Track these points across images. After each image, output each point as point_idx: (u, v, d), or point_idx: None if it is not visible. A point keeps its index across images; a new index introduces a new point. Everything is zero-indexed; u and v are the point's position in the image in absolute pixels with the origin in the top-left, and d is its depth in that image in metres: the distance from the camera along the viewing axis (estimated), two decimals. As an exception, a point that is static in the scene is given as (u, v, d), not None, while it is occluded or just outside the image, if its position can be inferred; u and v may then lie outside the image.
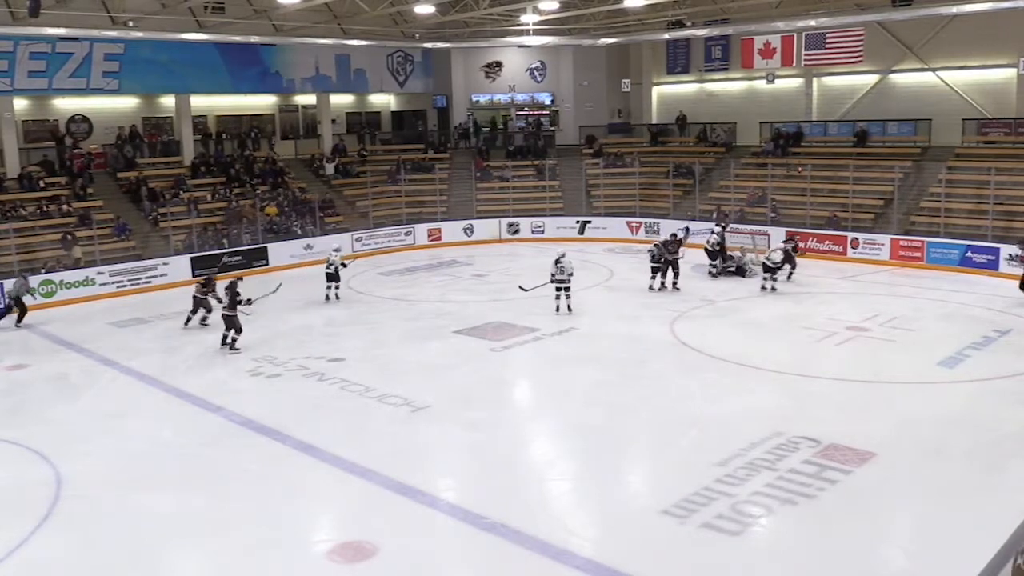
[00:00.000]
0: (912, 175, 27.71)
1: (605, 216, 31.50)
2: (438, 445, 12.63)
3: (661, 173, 32.51)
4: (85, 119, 30.05)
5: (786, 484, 10.63)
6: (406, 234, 30.84)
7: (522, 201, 32.89)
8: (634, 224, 30.71)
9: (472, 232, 31.43)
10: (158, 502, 10.84)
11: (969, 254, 23.78)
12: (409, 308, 20.86)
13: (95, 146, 29.71)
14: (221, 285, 18.75)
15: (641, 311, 20.03)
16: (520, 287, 20.68)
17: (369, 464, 11.65)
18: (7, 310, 20.74)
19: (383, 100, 38.33)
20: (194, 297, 19.80)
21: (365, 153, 34.86)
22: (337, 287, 22.41)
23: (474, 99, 37.99)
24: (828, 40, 28.79)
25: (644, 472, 11.91)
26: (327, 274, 22.28)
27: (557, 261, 19.84)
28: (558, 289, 19.85)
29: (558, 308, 19.82)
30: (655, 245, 22.50)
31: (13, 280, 21.11)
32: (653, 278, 21.96)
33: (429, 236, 31.17)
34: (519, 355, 17.09)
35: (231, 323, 17.88)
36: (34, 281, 22.35)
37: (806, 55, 29.74)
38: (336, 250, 22.74)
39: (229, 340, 17.89)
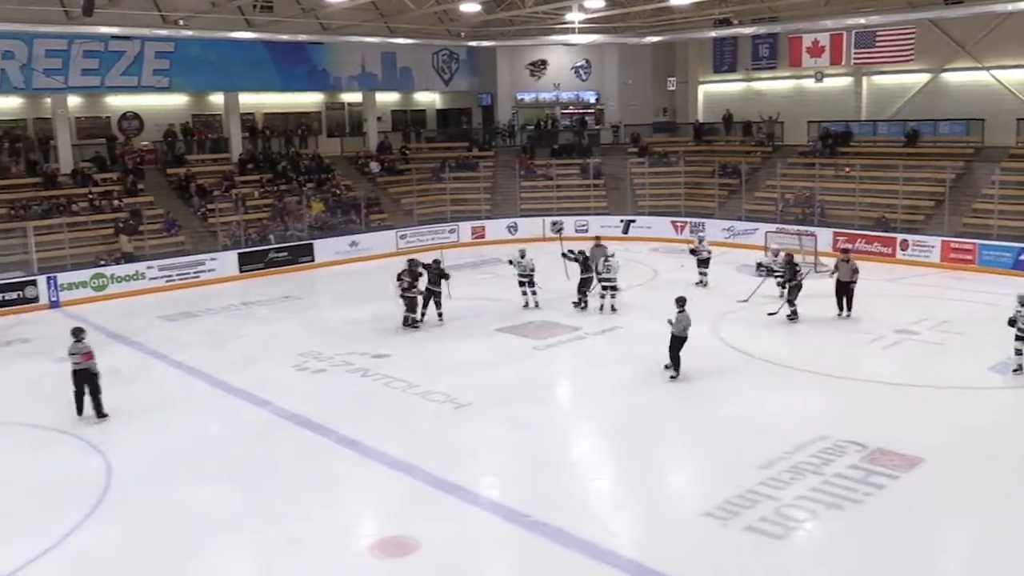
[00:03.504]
0: (964, 176, 27.17)
1: (649, 215, 31.31)
2: (480, 442, 12.66)
3: (706, 172, 32.23)
4: (136, 116, 30.57)
5: (832, 488, 10.50)
6: (450, 231, 30.94)
7: (566, 200, 32.81)
8: (679, 223, 30.47)
9: (516, 230, 31.43)
10: (204, 495, 11.01)
11: (1023, 257, 23.27)
12: (452, 304, 20.90)
13: (146, 143, 30.22)
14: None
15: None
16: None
17: (412, 460, 11.73)
18: None
19: (428, 98, 38.47)
20: (409, 297, 19.01)
21: (407, 151, 35.01)
22: (534, 291, 20.45)
23: (519, 97, 37.97)
24: (878, 38, 28.35)
25: (686, 473, 11.82)
26: (520, 280, 20.51)
27: (606, 259, 19.92)
28: (604, 288, 19.83)
29: (601, 307, 19.76)
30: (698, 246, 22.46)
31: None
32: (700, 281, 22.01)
33: (473, 234, 31.24)
34: (561, 354, 17.06)
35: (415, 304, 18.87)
36: (86, 275, 22.88)
37: (856, 53, 29.32)
38: (522, 254, 20.59)
39: (411, 320, 18.80)
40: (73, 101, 28.66)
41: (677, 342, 14.93)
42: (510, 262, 20.44)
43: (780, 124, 33.37)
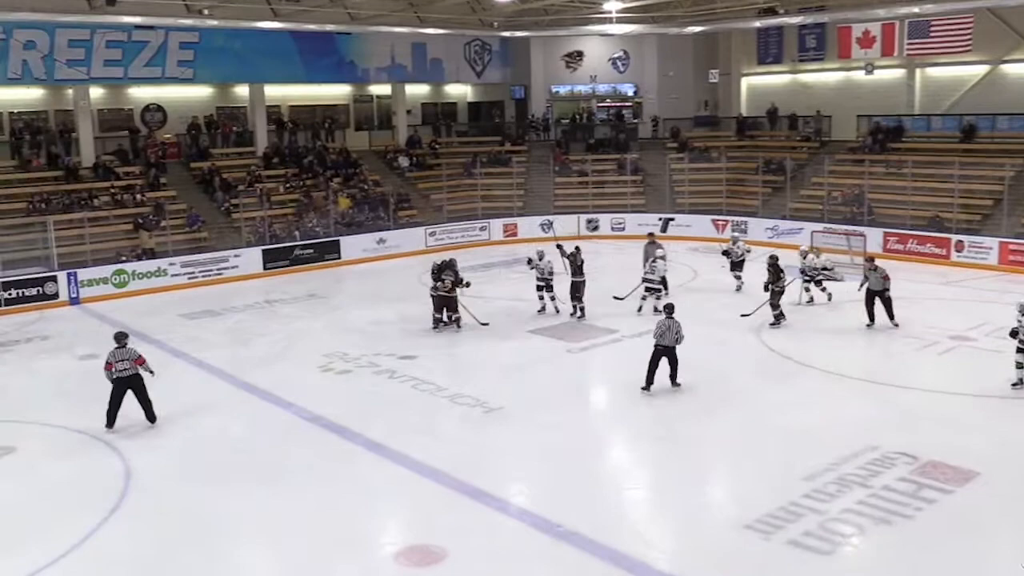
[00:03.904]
0: (1024, 174, 26.81)
1: (689, 213, 31.15)
2: (510, 448, 12.67)
3: (749, 169, 32.04)
4: (160, 108, 30.98)
5: (880, 502, 10.37)
6: (481, 229, 31.00)
7: (602, 196, 32.74)
8: (720, 222, 30.28)
9: (549, 228, 31.36)
10: (226, 498, 11.11)
11: (1086, 259, 22.90)
12: (483, 305, 20.91)
13: (169, 136, 30.61)
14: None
15: (725, 314, 19.75)
16: (615, 297, 20.50)
17: (439, 465, 11.75)
18: None
19: (459, 91, 38.59)
20: (441, 297, 18.90)
21: (437, 146, 35.10)
22: (552, 296, 19.97)
23: (553, 90, 37.96)
24: (933, 28, 27.96)
25: (726, 484, 11.74)
26: (539, 283, 20.07)
27: (653, 260, 19.99)
28: (647, 290, 19.81)
29: (640, 309, 19.70)
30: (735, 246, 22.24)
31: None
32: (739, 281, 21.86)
33: (505, 231, 31.28)
34: (597, 357, 17.03)
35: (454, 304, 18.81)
36: (107, 271, 23.19)
37: (909, 44, 28.95)
38: (540, 256, 19.94)
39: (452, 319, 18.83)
40: (95, 93, 29.09)
41: (665, 353, 14.41)
42: (528, 261, 20.31)
43: (828, 119, 33.07)
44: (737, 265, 22.10)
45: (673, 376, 14.61)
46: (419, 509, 10.85)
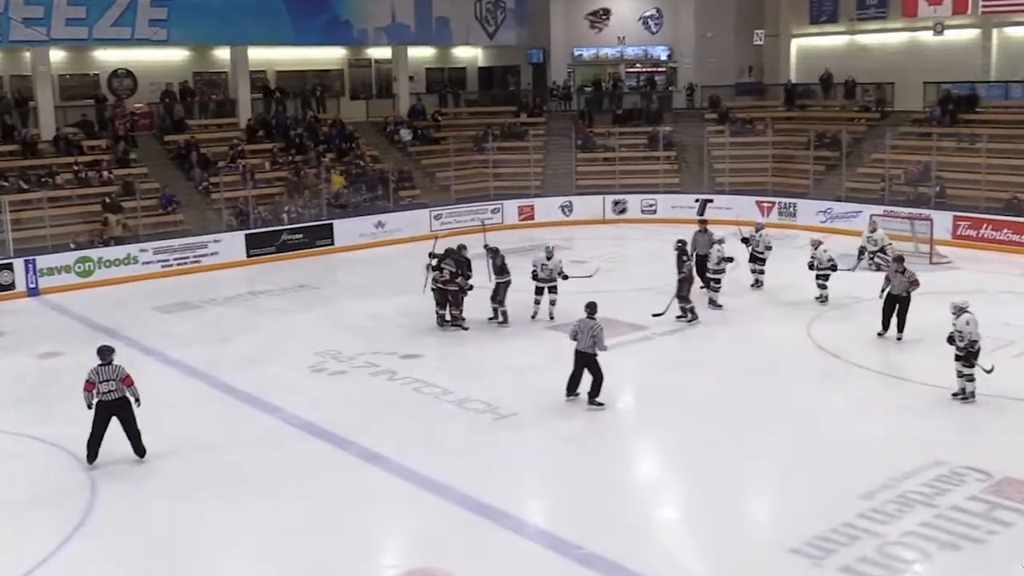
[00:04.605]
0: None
1: (730, 194, 31.07)
2: (526, 460, 12.70)
3: (799, 143, 31.95)
4: (129, 74, 31.07)
5: (947, 524, 10.35)
6: (493, 211, 30.99)
7: (631, 175, 32.70)
8: (765, 204, 30.22)
9: (571, 211, 31.42)
10: (203, 515, 11.16)
11: None
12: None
13: (139, 105, 30.68)
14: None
15: (771, 308, 19.72)
16: (654, 314, 19.23)
17: (445, 479, 11.79)
18: None
19: (469, 54, 38.57)
20: (440, 291, 18.81)
21: (439, 118, 35.09)
22: (553, 301, 19.24)
23: (576, 53, 37.91)
24: (1013, -19, 27.79)
25: (770, 501, 11.75)
26: (539, 286, 19.32)
27: (719, 260, 19.91)
28: (709, 285, 19.84)
29: (716, 303, 19.75)
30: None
31: None
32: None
33: (520, 214, 31.30)
34: (624, 357, 16.97)
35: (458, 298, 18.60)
36: (70, 258, 23.25)
37: (984, 1, 28.73)
38: (548, 255, 19.34)
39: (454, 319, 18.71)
40: (56, 56, 29.18)
41: (583, 361, 14.14)
42: (533, 272, 19.32)
43: (890, 86, 32.88)
44: (757, 259, 21.47)
45: (592, 393, 14.15)
46: (423, 529, 10.89)
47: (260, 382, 15.87)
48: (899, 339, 17.18)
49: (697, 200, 31.00)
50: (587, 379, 14.26)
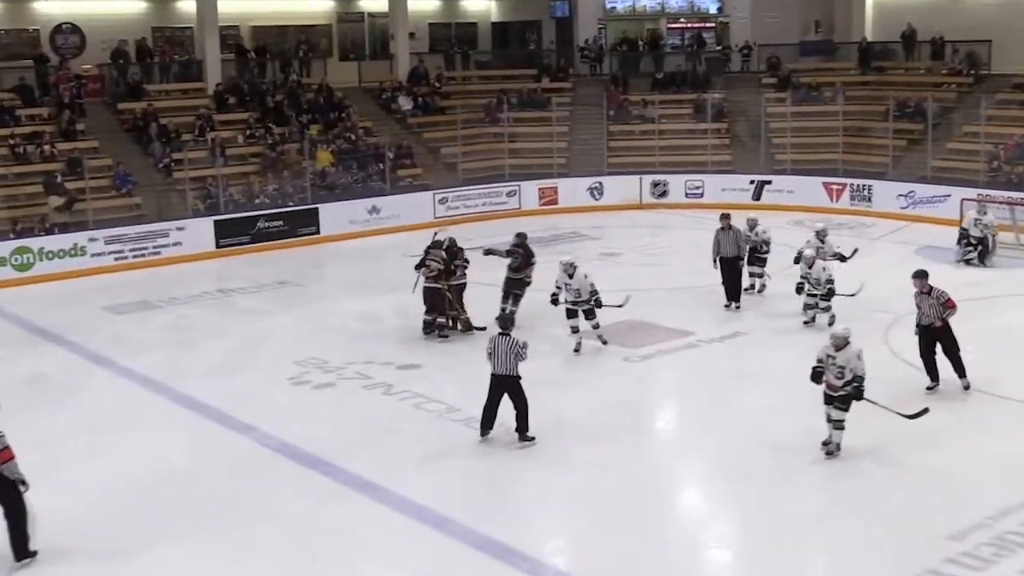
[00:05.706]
0: None
1: (792, 175, 31.06)
2: (544, 490, 12.73)
3: (876, 113, 31.92)
4: (75, 29, 31.17)
5: (1052, 570, 10.35)
6: (509, 194, 31.05)
7: (673, 151, 32.72)
8: (835, 186, 30.15)
9: (601, 194, 31.40)
10: (164, 553, 11.16)
11: None
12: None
13: (88, 66, 30.78)
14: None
15: (840, 311, 19.66)
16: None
17: (450, 512, 11.83)
18: None
19: (481, 7, 38.66)
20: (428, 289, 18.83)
21: (438, 84, 35.08)
22: (596, 324, 18.07)
23: (608, 7, 37.95)
24: None
25: (839, 542, 11.67)
26: (570, 309, 18.17)
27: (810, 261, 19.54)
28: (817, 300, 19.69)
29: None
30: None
31: None
32: None
33: (541, 198, 31.34)
34: (663, 368, 17.06)
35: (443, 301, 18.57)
36: (5, 248, 23.38)
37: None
38: (569, 273, 18.00)
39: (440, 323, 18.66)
40: (-10, 9, 29.38)
41: (503, 387, 13.81)
42: (555, 293, 18.32)
43: (987, 44, 32.77)
44: (757, 259, 20.89)
45: (520, 427, 13.82)
46: (423, 569, 10.91)
47: (231, 396, 15.90)
48: (966, 388, 15.38)
49: (752, 182, 31.00)
50: (510, 410, 13.90)
